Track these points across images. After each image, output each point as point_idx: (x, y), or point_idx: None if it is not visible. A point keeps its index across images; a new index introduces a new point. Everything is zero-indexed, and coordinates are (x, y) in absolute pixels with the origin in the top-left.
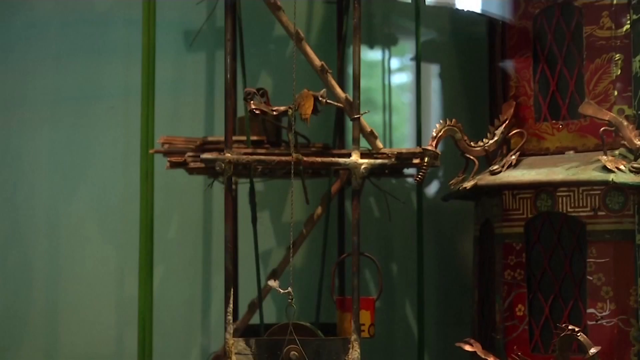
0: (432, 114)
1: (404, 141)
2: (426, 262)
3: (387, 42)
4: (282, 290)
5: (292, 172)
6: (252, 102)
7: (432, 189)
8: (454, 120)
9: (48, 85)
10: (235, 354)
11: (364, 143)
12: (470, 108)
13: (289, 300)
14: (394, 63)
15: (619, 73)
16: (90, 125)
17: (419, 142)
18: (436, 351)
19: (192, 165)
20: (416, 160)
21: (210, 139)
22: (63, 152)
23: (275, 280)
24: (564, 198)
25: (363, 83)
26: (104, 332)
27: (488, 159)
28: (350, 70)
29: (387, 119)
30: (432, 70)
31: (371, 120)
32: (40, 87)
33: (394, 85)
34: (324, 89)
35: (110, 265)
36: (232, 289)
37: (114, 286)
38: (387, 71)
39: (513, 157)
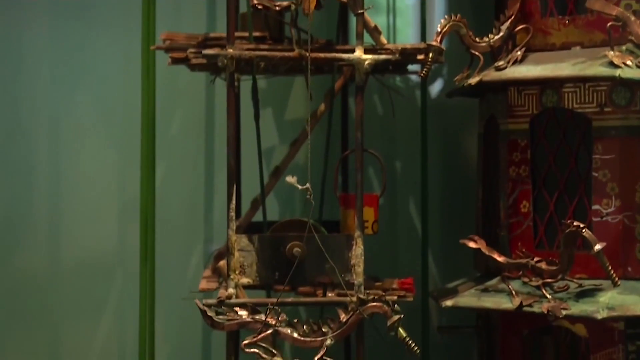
0: (436, 12)
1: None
2: (430, 159)
3: None
4: (300, 186)
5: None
6: None
7: (437, 87)
8: (458, 15)
9: None
10: (238, 250)
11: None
12: (475, 4)
13: (308, 197)
14: None
15: None
16: (90, 22)
17: (423, 40)
18: (440, 248)
19: (194, 61)
20: (420, 56)
21: (212, 35)
22: (63, 49)
23: (293, 177)
24: (570, 94)
25: None
26: (106, 231)
27: (493, 55)
28: None
29: (391, 21)
30: None
31: (374, 22)
32: None
33: None
34: None
35: (112, 163)
36: (234, 186)
37: (115, 184)
38: None
39: (518, 52)
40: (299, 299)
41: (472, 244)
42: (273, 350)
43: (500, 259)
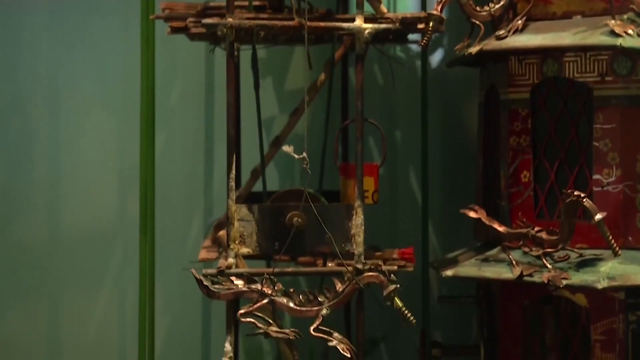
0: None
1: None
2: (430, 129)
3: None
4: (297, 156)
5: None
6: None
7: (437, 56)
8: None
9: None
10: (238, 220)
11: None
12: None
13: (304, 166)
14: None
15: None
16: None
17: (423, 9)
18: (440, 218)
19: (193, 30)
20: (421, 25)
21: (211, 4)
22: (63, 19)
23: (289, 146)
24: (571, 63)
25: None
26: (106, 201)
27: (494, 24)
28: None
29: None
30: None
31: None
32: None
33: None
34: None
35: (111, 133)
36: (234, 155)
37: (115, 154)
38: None
39: (519, 21)
40: (296, 269)
41: (472, 214)
42: (269, 320)
43: (500, 228)
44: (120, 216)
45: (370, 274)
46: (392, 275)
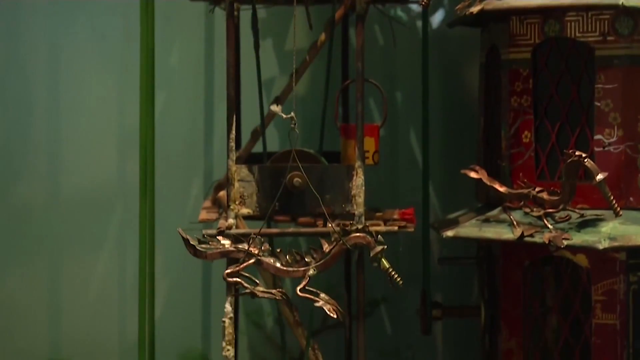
0: None
1: None
2: (431, 90)
3: None
4: (284, 115)
5: None
6: None
7: (438, 17)
8: None
9: None
10: (238, 180)
11: None
12: None
13: (292, 126)
14: None
15: None
16: None
17: None
18: (441, 178)
19: None
20: None
21: None
22: None
23: (277, 105)
24: (573, 23)
25: None
26: (106, 163)
27: None
28: None
29: None
30: None
31: None
32: None
33: None
34: None
35: (111, 95)
36: (234, 116)
37: (115, 116)
38: None
39: None
40: (295, 229)
41: (473, 174)
42: (256, 280)
43: (501, 189)
44: (120, 178)
45: (357, 234)
46: (379, 236)
